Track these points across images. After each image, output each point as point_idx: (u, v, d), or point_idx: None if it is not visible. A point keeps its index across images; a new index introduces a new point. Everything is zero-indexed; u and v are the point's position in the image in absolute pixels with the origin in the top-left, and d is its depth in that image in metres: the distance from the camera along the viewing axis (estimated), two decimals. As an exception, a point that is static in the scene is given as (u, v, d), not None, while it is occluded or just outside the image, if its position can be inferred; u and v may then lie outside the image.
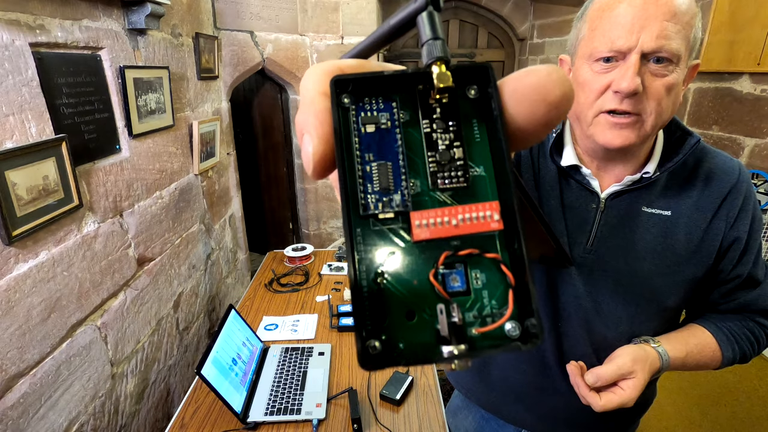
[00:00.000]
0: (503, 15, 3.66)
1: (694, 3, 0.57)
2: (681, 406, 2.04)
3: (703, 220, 0.65)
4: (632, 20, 0.56)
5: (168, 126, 1.68)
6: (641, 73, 0.57)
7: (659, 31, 0.55)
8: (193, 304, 1.95)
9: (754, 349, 0.71)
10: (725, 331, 0.69)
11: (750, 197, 0.66)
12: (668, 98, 0.58)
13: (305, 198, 3.26)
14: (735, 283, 0.68)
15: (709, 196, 0.65)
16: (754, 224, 0.66)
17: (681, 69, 0.58)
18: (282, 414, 1.09)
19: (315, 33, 2.84)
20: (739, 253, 0.66)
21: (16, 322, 0.98)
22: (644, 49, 0.56)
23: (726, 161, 0.67)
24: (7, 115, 0.95)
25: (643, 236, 0.66)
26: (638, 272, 0.67)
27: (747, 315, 0.71)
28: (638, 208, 0.66)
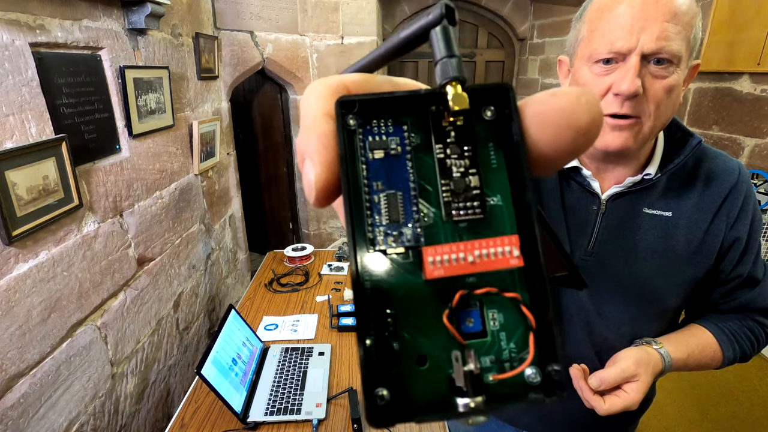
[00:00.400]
0: (503, 15, 3.66)
1: (694, 3, 0.57)
2: (681, 406, 2.04)
3: (704, 220, 0.65)
4: (632, 21, 0.55)
5: (168, 126, 1.68)
6: (641, 75, 0.56)
7: (659, 32, 0.54)
8: (193, 304, 1.95)
9: (754, 347, 0.71)
10: (726, 331, 0.69)
11: (750, 197, 0.66)
12: (668, 100, 0.58)
13: (305, 198, 3.26)
14: (735, 283, 0.68)
15: (709, 196, 0.65)
16: (754, 224, 0.66)
17: (681, 70, 0.57)
18: (282, 414, 1.09)
19: (315, 33, 2.84)
20: (739, 254, 0.66)
21: (16, 322, 0.98)
22: (644, 50, 0.55)
23: (726, 161, 0.67)
24: (7, 115, 0.95)
25: (644, 237, 0.66)
26: (639, 274, 0.67)
27: (747, 314, 0.71)
28: (639, 209, 0.66)
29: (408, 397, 0.16)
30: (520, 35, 3.77)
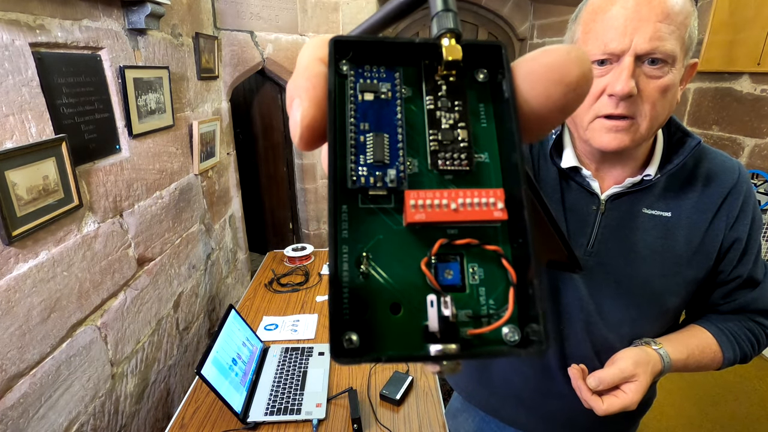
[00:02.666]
0: (503, 15, 3.66)
1: (689, 2, 0.56)
2: (681, 406, 2.04)
3: (704, 221, 0.64)
4: (625, 22, 0.55)
5: (168, 126, 1.68)
6: (636, 75, 0.56)
7: (653, 33, 0.54)
8: (193, 304, 1.95)
9: (754, 349, 0.70)
10: (726, 332, 0.69)
11: (750, 197, 0.65)
12: (664, 100, 0.58)
13: (305, 198, 3.26)
14: (735, 283, 0.68)
15: (709, 197, 0.64)
16: (753, 225, 0.65)
17: (677, 69, 0.57)
18: (282, 414, 1.09)
19: (315, 33, 2.84)
20: (739, 254, 0.65)
21: (16, 322, 0.98)
22: (638, 51, 0.55)
23: (725, 161, 0.67)
24: (7, 115, 0.95)
25: (644, 238, 0.66)
26: (639, 274, 0.67)
27: (747, 315, 0.70)
28: (638, 209, 0.66)
29: (378, 341, 0.15)
30: (520, 35, 3.76)
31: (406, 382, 1.17)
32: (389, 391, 1.15)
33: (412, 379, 1.20)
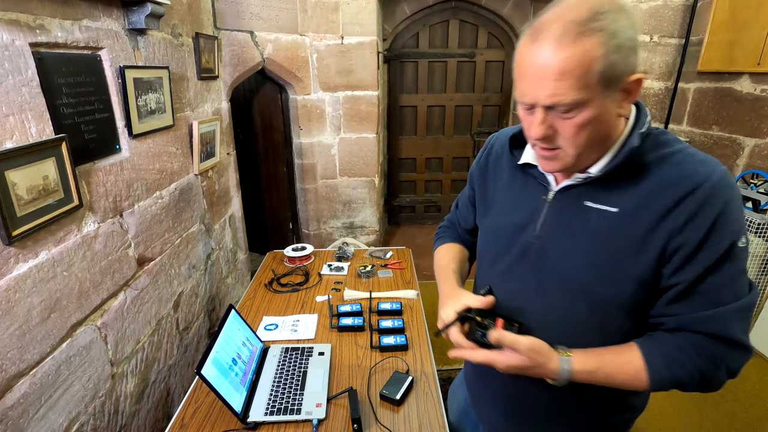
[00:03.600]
0: (503, 15, 3.66)
1: (593, 44, 0.58)
2: (681, 406, 2.04)
3: (650, 221, 0.65)
4: (530, 81, 0.62)
5: (168, 126, 1.68)
6: (551, 119, 0.63)
7: (551, 91, 0.60)
8: (193, 304, 1.95)
9: (694, 380, 0.66)
10: (659, 350, 0.67)
11: (711, 206, 0.62)
12: (583, 132, 0.63)
13: (305, 198, 3.26)
14: (674, 292, 0.66)
15: (661, 199, 0.64)
16: (712, 237, 0.62)
17: (595, 104, 0.61)
18: (282, 414, 1.09)
19: (315, 33, 2.84)
20: (682, 260, 0.64)
21: (16, 322, 0.98)
22: (544, 104, 0.62)
23: (694, 171, 0.64)
24: (7, 115, 0.95)
25: (585, 228, 0.70)
26: (574, 261, 0.71)
27: (693, 335, 0.66)
28: (581, 202, 0.71)
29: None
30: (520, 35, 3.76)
31: (406, 382, 1.17)
32: (389, 391, 1.15)
33: (412, 379, 1.20)
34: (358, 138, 3.16)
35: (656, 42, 3.06)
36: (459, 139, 4.00)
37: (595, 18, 0.57)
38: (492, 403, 0.93)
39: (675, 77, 3.14)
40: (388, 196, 4.16)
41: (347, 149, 3.18)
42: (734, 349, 0.64)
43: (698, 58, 2.92)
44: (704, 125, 2.95)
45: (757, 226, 2.30)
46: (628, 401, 0.83)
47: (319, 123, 3.07)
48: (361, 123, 3.12)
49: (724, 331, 0.64)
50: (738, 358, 0.65)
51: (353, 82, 3.00)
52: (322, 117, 3.06)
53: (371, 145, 3.19)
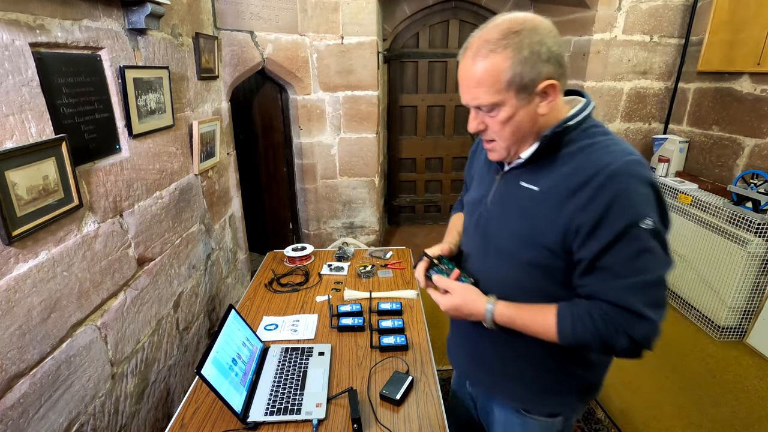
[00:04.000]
0: (503, 15, 3.66)
1: (500, 59, 0.72)
2: (681, 406, 2.04)
3: (562, 199, 0.76)
4: (461, 88, 0.79)
5: (168, 126, 1.68)
6: (480, 117, 0.80)
7: (471, 97, 0.77)
8: (193, 304, 1.95)
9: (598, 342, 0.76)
10: (571, 313, 0.78)
11: (605, 189, 0.71)
12: (507, 127, 0.78)
13: (305, 198, 3.26)
14: (583, 266, 0.76)
15: (571, 181, 0.75)
16: (607, 217, 0.71)
17: (510, 105, 0.75)
18: (282, 414, 1.09)
19: (315, 33, 2.84)
20: (583, 237, 0.74)
21: (16, 322, 0.98)
22: (470, 105, 0.79)
23: (599, 159, 0.74)
24: (7, 115, 0.95)
25: (516, 203, 0.84)
26: (507, 230, 0.86)
27: (601, 304, 0.75)
28: (518, 181, 0.84)
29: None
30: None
31: (406, 382, 1.17)
32: (389, 391, 1.15)
33: (412, 379, 1.20)
34: (358, 138, 3.16)
35: (656, 42, 3.06)
36: (459, 139, 4.00)
37: (505, 37, 0.71)
38: (460, 351, 1.09)
39: (675, 77, 3.14)
40: (388, 196, 4.16)
41: (347, 149, 3.18)
42: (634, 318, 0.72)
43: (698, 58, 2.92)
44: (704, 125, 2.95)
45: (757, 226, 2.30)
46: (573, 355, 0.89)
47: (319, 123, 3.07)
48: (361, 123, 3.12)
49: (622, 301, 0.73)
50: (637, 328, 0.72)
51: (353, 82, 3.00)
52: (322, 117, 3.06)
53: (371, 145, 3.19)
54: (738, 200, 2.49)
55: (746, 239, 2.33)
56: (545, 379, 0.93)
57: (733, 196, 2.51)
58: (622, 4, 2.94)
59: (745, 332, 2.49)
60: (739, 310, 2.46)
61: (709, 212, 2.61)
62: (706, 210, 2.63)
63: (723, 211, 2.50)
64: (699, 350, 2.44)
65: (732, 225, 2.44)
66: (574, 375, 0.92)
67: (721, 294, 2.49)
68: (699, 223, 2.68)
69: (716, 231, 2.54)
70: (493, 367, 0.99)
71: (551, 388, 0.94)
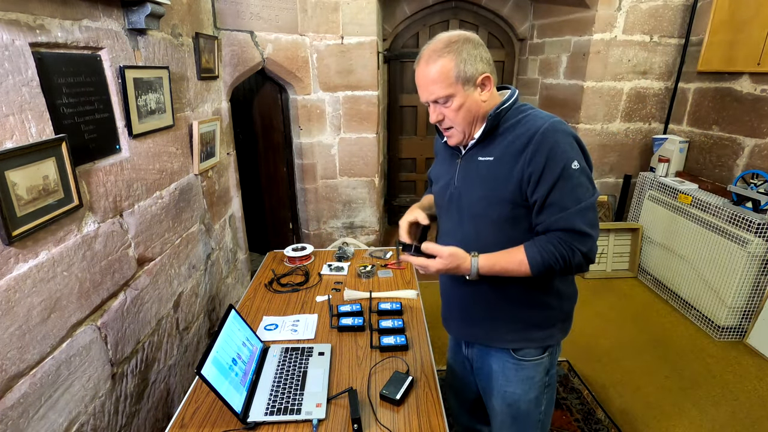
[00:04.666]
0: (503, 15, 3.66)
1: (446, 60, 0.94)
2: (681, 406, 2.04)
3: (512, 161, 0.97)
4: (420, 88, 1.00)
5: (168, 126, 1.68)
6: (438, 109, 1.00)
7: (429, 93, 0.98)
8: (193, 304, 1.95)
9: (560, 261, 0.95)
10: (534, 246, 0.97)
11: (542, 144, 0.92)
12: (460, 113, 0.98)
13: (305, 198, 3.26)
14: (537, 206, 0.96)
15: (516, 146, 0.96)
16: (548, 164, 0.92)
17: (460, 95, 0.97)
18: (282, 414, 1.09)
19: (315, 33, 2.84)
20: (535, 182, 0.94)
21: (16, 322, 0.98)
22: (429, 101, 1.00)
23: (533, 124, 0.95)
24: (7, 115, 0.95)
25: (478, 174, 1.03)
26: (474, 197, 1.04)
27: (554, 233, 0.95)
28: (476, 158, 1.04)
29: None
30: (520, 35, 3.76)
31: (406, 382, 1.17)
32: (389, 391, 1.15)
33: (412, 379, 1.20)
34: (358, 138, 3.16)
35: (656, 42, 3.06)
36: (459, 139, 3.99)
37: (447, 46, 0.94)
38: (452, 317, 1.24)
39: (675, 77, 3.14)
40: (388, 196, 4.16)
41: (347, 149, 3.18)
42: (580, 236, 0.94)
43: (698, 58, 2.92)
44: (704, 125, 2.95)
45: (757, 226, 2.30)
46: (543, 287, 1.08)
47: (319, 123, 3.07)
48: (361, 123, 3.12)
49: (571, 225, 0.94)
50: (584, 242, 0.95)
51: (353, 82, 3.00)
52: (322, 117, 3.06)
53: (371, 145, 3.19)
54: (738, 200, 2.49)
55: (746, 239, 2.33)
56: (528, 314, 1.10)
57: (733, 196, 2.51)
58: (622, 4, 2.94)
59: (745, 332, 2.49)
60: (739, 310, 2.46)
61: (709, 212, 2.61)
62: (706, 210, 2.63)
63: (723, 211, 2.50)
64: (699, 350, 2.44)
65: (732, 225, 2.44)
66: (550, 306, 1.11)
67: (721, 294, 2.49)
68: (699, 223, 2.68)
69: (716, 231, 2.54)
70: (482, 316, 1.14)
71: (534, 321, 1.11)
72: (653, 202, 3.10)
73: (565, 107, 3.36)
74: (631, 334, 2.59)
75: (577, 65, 3.21)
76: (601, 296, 3.01)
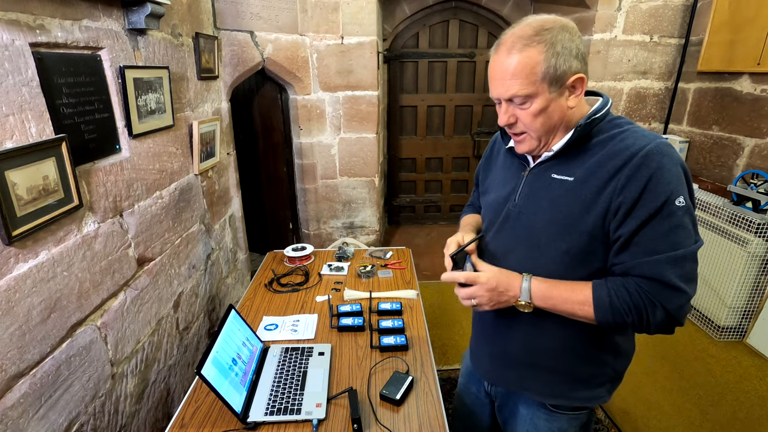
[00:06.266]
0: (503, 15, 3.66)
1: (535, 52, 0.76)
2: (681, 406, 2.04)
3: (598, 186, 0.79)
4: (494, 81, 0.82)
5: (168, 126, 1.68)
6: (512, 110, 0.82)
7: (505, 89, 0.79)
8: (193, 304, 1.95)
9: (634, 314, 0.78)
10: (605, 286, 0.80)
11: (642, 169, 0.75)
12: (539, 119, 0.81)
13: (305, 198, 3.26)
14: (619, 244, 0.78)
15: (606, 168, 0.79)
16: (646, 195, 0.74)
17: (543, 97, 0.78)
18: (282, 414, 1.09)
19: (315, 33, 2.84)
20: (623, 216, 0.77)
21: (16, 322, 0.98)
22: (503, 98, 0.81)
23: (632, 144, 0.78)
24: (7, 115, 0.95)
25: (549, 194, 0.86)
26: (540, 221, 0.87)
27: (635, 279, 0.78)
28: (549, 174, 0.87)
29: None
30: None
31: (406, 382, 1.17)
32: (389, 391, 1.15)
33: (412, 379, 1.20)
34: (358, 138, 3.16)
35: (656, 42, 3.06)
36: (459, 139, 4.00)
37: (538, 33, 0.76)
38: (481, 351, 1.10)
39: (675, 77, 3.14)
40: (388, 196, 4.16)
41: (347, 149, 3.18)
42: (668, 290, 0.75)
43: (698, 58, 2.92)
44: (704, 125, 2.95)
45: (757, 226, 2.30)
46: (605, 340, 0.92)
47: (319, 123, 3.07)
48: (361, 123, 3.12)
49: (659, 275, 0.75)
50: (673, 299, 0.75)
51: (353, 82, 3.00)
52: (322, 117, 3.06)
53: (371, 145, 3.19)
54: (738, 200, 2.49)
55: (746, 239, 2.33)
56: (577, 369, 0.93)
57: (733, 196, 2.51)
58: (622, 4, 2.94)
59: (745, 332, 2.49)
60: (739, 310, 2.46)
61: (709, 212, 2.61)
62: (706, 210, 2.63)
63: (723, 211, 2.50)
64: (699, 350, 2.44)
65: (732, 225, 2.44)
66: (605, 364, 0.93)
67: (721, 294, 2.49)
68: (699, 223, 2.67)
69: (716, 231, 2.54)
70: (521, 361, 0.97)
71: (583, 379, 0.94)
72: (653, 202, 3.10)
73: (565, 107, 3.35)
74: (631, 334, 2.59)
75: (577, 65, 3.21)
76: (601, 296, 3.01)
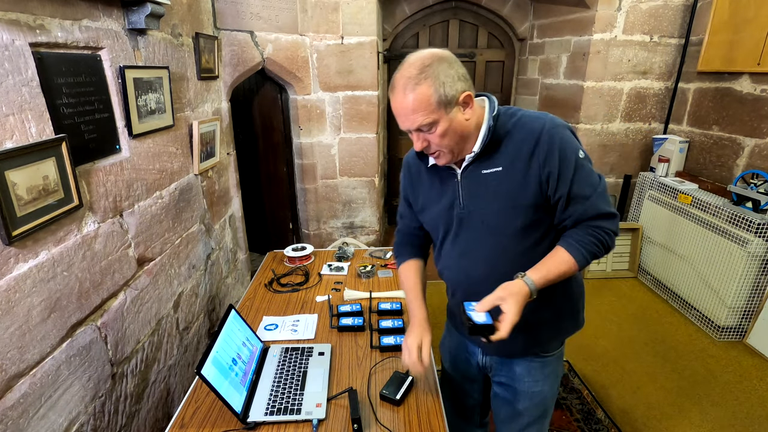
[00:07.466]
0: (503, 15, 3.66)
1: (424, 87, 0.88)
2: (681, 407, 2.04)
3: (523, 166, 0.95)
4: (400, 118, 0.93)
5: (168, 126, 1.68)
6: (422, 137, 0.94)
7: (411, 122, 0.92)
8: (193, 304, 1.95)
9: (601, 246, 0.96)
10: (573, 242, 0.96)
11: (552, 143, 0.93)
12: (446, 138, 0.93)
13: (305, 198, 3.26)
14: (563, 201, 0.96)
15: (523, 151, 0.95)
16: (563, 160, 0.93)
17: (444, 120, 0.91)
18: (282, 414, 1.09)
19: (315, 33, 2.84)
20: (555, 181, 0.94)
21: (16, 322, 0.98)
22: (412, 129, 0.93)
23: (531, 127, 0.95)
24: (7, 115, 0.95)
25: (488, 188, 0.99)
26: (491, 210, 1.00)
27: (584, 223, 0.97)
28: (479, 172, 1.00)
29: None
30: (520, 35, 3.76)
31: (406, 382, 1.17)
32: (389, 391, 1.15)
33: (412, 379, 1.20)
34: (358, 138, 3.16)
35: (656, 42, 3.06)
36: (459, 139, 3.99)
37: (422, 71, 0.88)
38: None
39: (675, 77, 3.14)
40: (388, 196, 4.16)
41: (347, 149, 3.18)
42: (608, 218, 0.97)
43: (698, 58, 2.92)
44: (704, 125, 2.95)
45: (757, 226, 2.30)
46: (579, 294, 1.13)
47: (319, 123, 3.07)
48: (361, 123, 3.12)
49: (598, 210, 0.96)
50: (613, 222, 0.98)
51: (353, 82, 3.00)
52: (322, 117, 3.06)
53: (371, 145, 3.19)
54: (738, 200, 2.49)
55: (746, 239, 2.33)
56: (559, 322, 1.11)
57: (733, 196, 2.51)
58: (622, 4, 2.94)
59: (745, 332, 2.49)
60: (739, 310, 2.46)
61: (709, 212, 2.61)
62: (706, 210, 2.63)
63: (723, 211, 2.50)
64: (699, 350, 2.44)
65: (732, 225, 2.44)
66: (578, 313, 1.14)
67: (721, 294, 2.49)
68: (699, 223, 2.68)
69: (716, 231, 2.54)
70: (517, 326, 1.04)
71: (562, 327, 1.12)
72: (653, 202, 3.10)
73: (565, 107, 3.36)
74: (631, 334, 2.59)
75: (577, 65, 3.21)
76: (601, 296, 3.01)
